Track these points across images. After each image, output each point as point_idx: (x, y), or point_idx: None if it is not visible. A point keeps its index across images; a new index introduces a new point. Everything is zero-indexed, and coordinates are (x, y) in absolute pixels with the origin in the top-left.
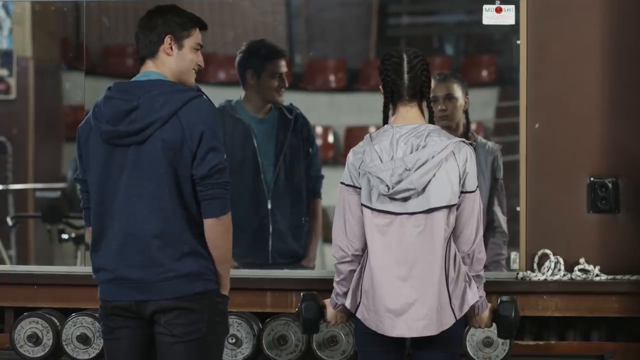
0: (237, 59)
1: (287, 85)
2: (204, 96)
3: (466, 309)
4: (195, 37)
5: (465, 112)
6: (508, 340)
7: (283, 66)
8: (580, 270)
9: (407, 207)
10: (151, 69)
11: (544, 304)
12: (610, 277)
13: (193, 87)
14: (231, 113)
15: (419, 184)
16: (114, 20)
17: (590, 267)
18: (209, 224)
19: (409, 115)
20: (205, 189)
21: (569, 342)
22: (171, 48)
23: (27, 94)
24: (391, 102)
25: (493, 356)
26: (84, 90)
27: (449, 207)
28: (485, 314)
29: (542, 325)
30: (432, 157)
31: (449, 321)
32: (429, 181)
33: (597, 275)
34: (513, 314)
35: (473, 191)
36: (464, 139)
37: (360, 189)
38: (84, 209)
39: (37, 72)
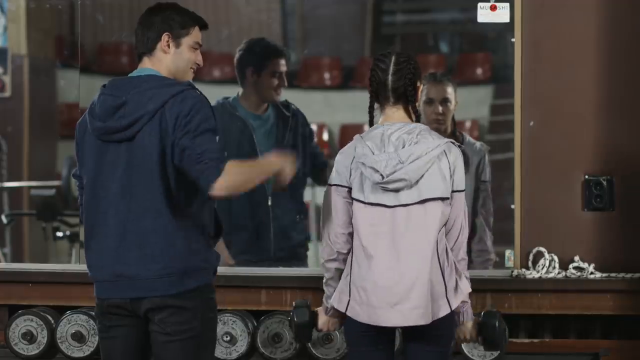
0: (237, 56)
1: (286, 84)
2: (196, 91)
3: (461, 298)
4: (194, 36)
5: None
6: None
7: (283, 65)
8: (575, 268)
9: (400, 198)
10: (147, 66)
11: (539, 302)
12: (605, 275)
13: (184, 82)
14: (230, 110)
15: (413, 176)
16: (109, 18)
17: (585, 265)
18: (216, 192)
19: (395, 116)
20: (188, 172)
21: (563, 340)
22: (168, 46)
23: (22, 91)
24: (377, 103)
25: (488, 354)
26: (78, 88)
27: (443, 199)
28: (470, 323)
29: (537, 323)
30: (426, 154)
31: (443, 311)
32: (422, 175)
33: (591, 273)
34: (497, 323)
35: (462, 190)
36: (453, 141)
37: (349, 188)
38: (81, 205)
39: (31, 70)
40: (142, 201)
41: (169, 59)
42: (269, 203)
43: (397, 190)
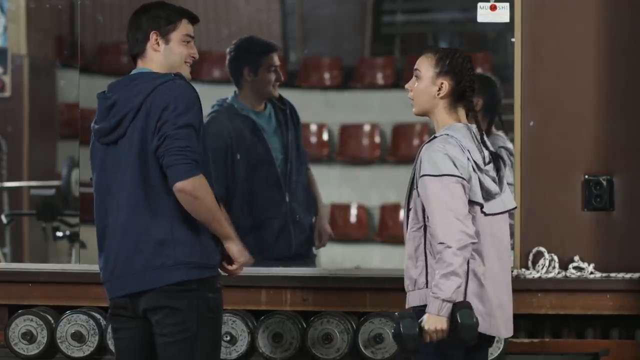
0: (229, 57)
1: (282, 78)
2: (183, 80)
3: None
4: (183, 29)
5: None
6: (503, 339)
7: (277, 60)
8: (574, 268)
9: (494, 207)
10: (140, 67)
11: (539, 301)
12: (604, 274)
13: (170, 73)
14: (237, 112)
15: (502, 187)
16: (109, 18)
17: (585, 265)
18: (176, 192)
19: (463, 117)
20: (161, 159)
21: (563, 340)
22: (157, 43)
23: (22, 91)
24: (451, 100)
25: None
26: (78, 88)
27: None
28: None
29: (537, 323)
30: (501, 160)
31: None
32: (505, 184)
33: (591, 273)
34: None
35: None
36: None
37: (468, 186)
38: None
39: (31, 70)
40: (136, 199)
41: (161, 56)
42: (287, 199)
43: (494, 199)
